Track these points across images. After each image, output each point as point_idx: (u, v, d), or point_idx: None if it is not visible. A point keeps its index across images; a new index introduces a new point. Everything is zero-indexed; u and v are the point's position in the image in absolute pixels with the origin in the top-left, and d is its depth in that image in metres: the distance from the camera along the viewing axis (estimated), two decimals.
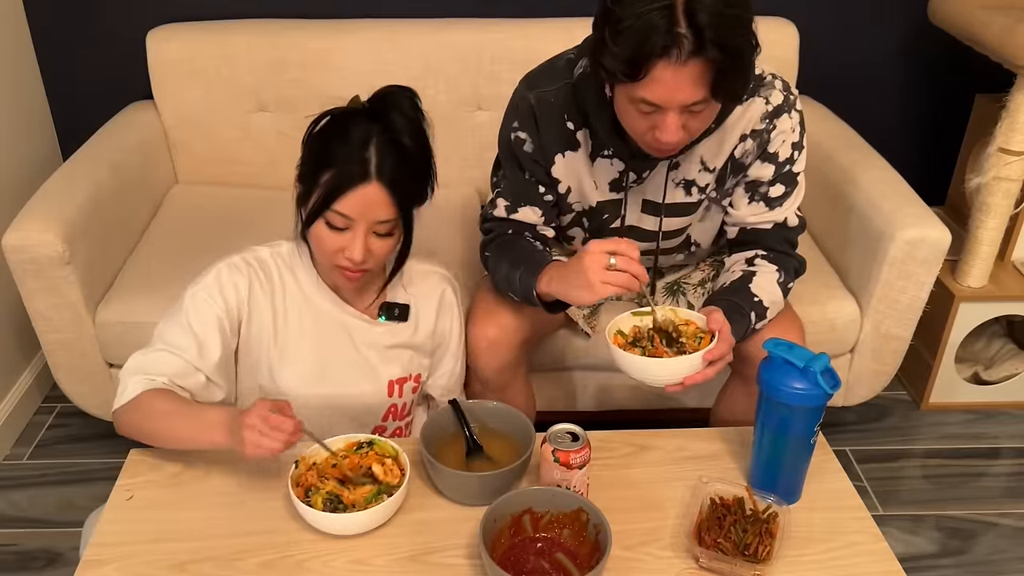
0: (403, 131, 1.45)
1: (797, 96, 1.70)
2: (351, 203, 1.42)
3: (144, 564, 1.32)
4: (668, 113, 1.44)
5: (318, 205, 1.44)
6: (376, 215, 1.44)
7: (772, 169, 1.71)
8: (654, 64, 1.37)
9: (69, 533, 2.15)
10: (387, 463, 1.42)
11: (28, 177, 2.54)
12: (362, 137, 1.42)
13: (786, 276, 1.75)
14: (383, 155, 1.42)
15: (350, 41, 2.53)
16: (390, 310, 1.65)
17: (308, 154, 1.49)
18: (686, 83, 1.39)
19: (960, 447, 2.51)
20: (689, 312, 1.55)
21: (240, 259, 1.57)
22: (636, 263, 1.47)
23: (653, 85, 1.40)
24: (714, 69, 1.37)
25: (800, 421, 1.37)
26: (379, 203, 1.43)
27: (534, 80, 1.73)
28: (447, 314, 1.73)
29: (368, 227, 1.45)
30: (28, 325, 2.15)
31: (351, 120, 1.46)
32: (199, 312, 1.51)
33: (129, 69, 2.65)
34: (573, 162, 1.74)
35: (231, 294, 1.54)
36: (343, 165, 1.42)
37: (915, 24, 2.73)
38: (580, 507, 1.31)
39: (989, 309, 2.51)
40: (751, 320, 1.67)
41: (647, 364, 1.47)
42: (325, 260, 1.52)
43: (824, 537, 1.38)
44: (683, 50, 1.34)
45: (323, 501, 1.34)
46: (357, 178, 1.41)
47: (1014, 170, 2.30)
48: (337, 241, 1.46)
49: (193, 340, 1.49)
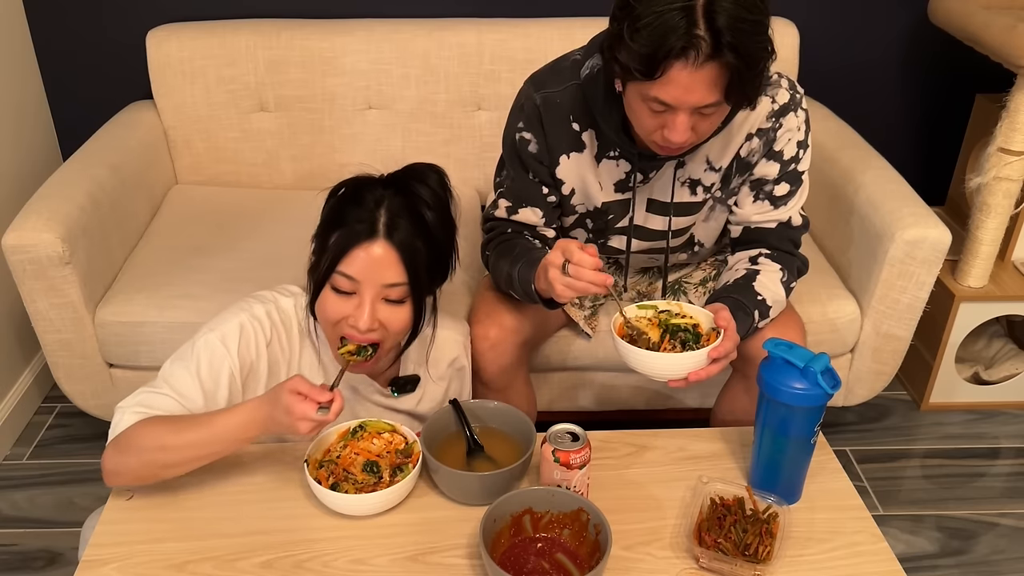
0: (422, 201, 1.41)
1: (803, 95, 1.71)
2: (356, 263, 1.36)
3: (144, 564, 1.32)
4: (679, 114, 1.44)
5: (325, 268, 1.38)
6: (383, 277, 1.37)
7: (777, 167, 1.72)
8: (671, 64, 1.37)
9: (69, 533, 2.15)
10: (385, 436, 1.46)
11: (28, 177, 2.54)
12: (375, 199, 1.38)
13: (789, 275, 1.75)
14: (393, 215, 1.37)
15: (350, 41, 2.53)
16: (402, 386, 1.61)
17: (321, 221, 1.44)
18: (701, 85, 1.39)
19: (960, 447, 2.51)
20: (694, 307, 1.55)
21: (264, 312, 1.49)
22: (590, 272, 1.44)
23: (668, 85, 1.40)
24: (729, 73, 1.38)
25: (800, 421, 1.37)
26: (386, 264, 1.37)
27: (540, 81, 1.73)
28: (456, 381, 1.72)
29: (376, 292, 1.38)
30: (28, 325, 2.15)
31: (368, 185, 1.42)
32: (212, 363, 1.43)
33: (129, 69, 2.65)
34: (578, 163, 1.74)
35: (249, 351, 1.47)
36: (351, 224, 1.37)
37: (915, 24, 2.74)
38: (580, 507, 1.32)
39: (989, 309, 2.51)
40: (754, 319, 1.68)
41: (651, 358, 1.46)
42: (331, 333, 1.44)
43: (824, 537, 1.38)
44: (700, 53, 1.34)
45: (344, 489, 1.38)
46: (363, 235, 1.36)
47: (1014, 170, 2.30)
48: (343, 308, 1.40)
49: (200, 392, 1.42)
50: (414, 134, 2.60)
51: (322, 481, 1.38)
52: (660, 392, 2.26)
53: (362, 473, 1.41)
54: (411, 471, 1.40)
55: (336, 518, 1.39)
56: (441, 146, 2.64)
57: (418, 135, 2.61)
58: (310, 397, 1.28)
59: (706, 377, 1.48)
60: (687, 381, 1.48)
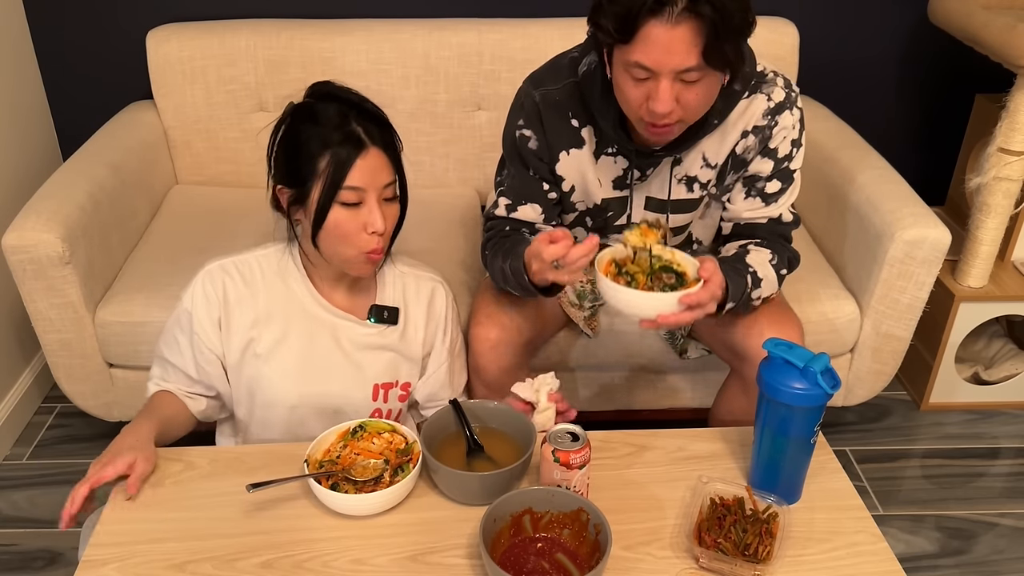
0: (363, 101, 1.52)
1: (798, 94, 1.71)
2: (359, 174, 1.46)
3: (144, 564, 1.32)
4: (661, 80, 1.45)
5: (327, 190, 1.46)
6: (382, 179, 1.49)
7: (771, 165, 1.72)
8: (646, 21, 1.38)
9: (69, 533, 2.15)
10: (385, 435, 1.48)
11: (28, 177, 2.54)
12: (337, 116, 1.48)
13: (780, 262, 1.76)
14: (366, 124, 1.48)
15: (350, 41, 2.53)
16: (379, 312, 1.65)
17: (285, 158, 1.52)
18: (679, 44, 1.40)
19: (960, 447, 2.51)
20: (685, 256, 1.55)
21: (217, 267, 1.61)
22: (578, 254, 1.48)
23: (646, 46, 1.41)
24: (707, 29, 1.38)
25: (800, 421, 1.37)
26: (380, 167, 1.48)
27: (538, 79, 1.74)
28: (436, 318, 1.72)
29: (378, 194, 1.49)
30: (28, 325, 2.15)
31: (314, 111, 1.50)
32: (183, 332, 1.61)
33: (129, 69, 2.65)
34: (577, 159, 1.74)
35: (206, 308, 1.59)
36: (336, 145, 1.45)
37: (915, 24, 2.74)
38: (580, 507, 1.31)
39: (989, 309, 2.51)
40: (747, 282, 1.68)
41: (624, 293, 1.47)
42: (347, 248, 1.52)
43: (824, 537, 1.38)
44: (676, 6, 1.36)
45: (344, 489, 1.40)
46: (354, 148, 1.46)
47: (1014, 170, 2.30)
48: (355, 221, 1.48)
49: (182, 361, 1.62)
50: (414, 134, 2.61)
51: (322, 481, 1.38)
52: (660, 392, 2.26)
53: (363, 472, 1.41)
54: (411, 471, 1.40)
55: (336, 518, 1.39)
56: (441, 146, 2.64)
57: (418, 135, 2.61)
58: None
59: (675, 323, 1.49)
60: (656, 323, 1.48)
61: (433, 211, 2.47)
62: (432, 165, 2.64)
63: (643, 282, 1.50)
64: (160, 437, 1.52)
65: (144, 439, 1.47)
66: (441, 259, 2.10)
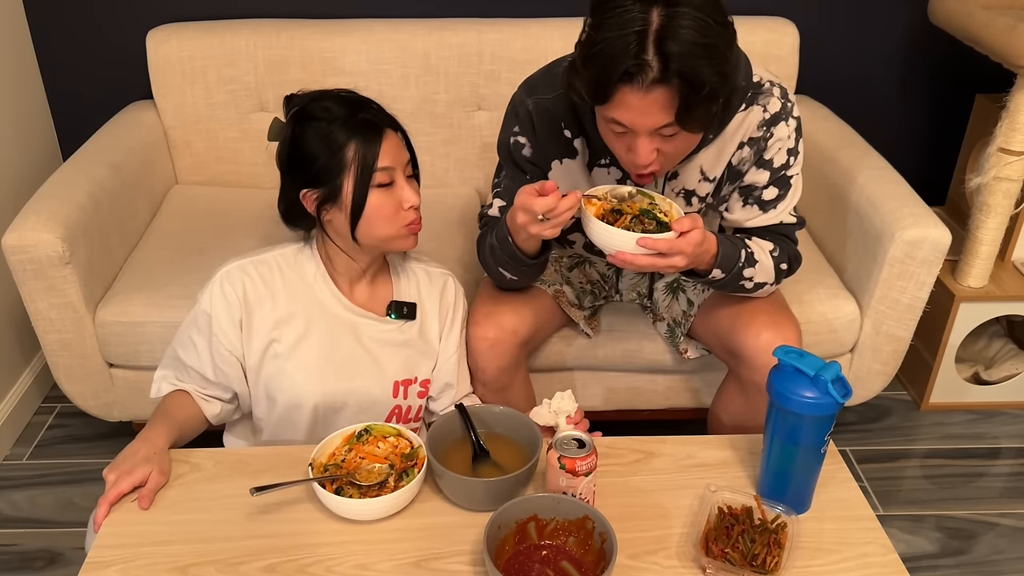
0: (349, 92, 1.60)
1: (794, 103, 1.71)
2: (386, 155, 1.53)
3: (147, 567, 1.32)
4: (639, 136, 1.45)
5: (361, 177, 1.52)
6: (403, 157, 1.58)
7: (767, 175, 1.72)
8: (617, 88, 1.38)
9: (69, 533, 2.15)
10: (390, 440, 1.48)
11: (28, 177, 2.53)
12: (342, 109, 1.54)
13: (780, 254, 1.76)
14: (375, 111, 1.57)
15: (350, 41, 2.52)
16: (399, 308, 1.69)
17: (306, 162, 1.54)
18: (652, 108, 1.39)
19: (960, 447, 2.51)
20: (672, 206, 1.57)
21: (236, 267, 1.63)
22: (564, 207, 1.50)
23: (620, 108, 1.41)
24: (679, 98, 1.37)
25: (810, 430, 1.36)
26: (399, 145, 1.58)
27: (533, 86, 1.74)
28: (447, 309, 1.76)
29: (403, 172, 1.57)
30: (28, 325, 2.14)
31: (315, 112, 1.54)
32: (200, 334, 1.61)
33: (129, 69, 2.64)
34: (570, 169, 1.75)
35: (226, 310, 1.60)
36: (357, 134, 1.52)
37: (915, 24, 2.73)
38: (586, 515, 1.31)
39: (989, 309, 2.52)
40: (740, 256, 1.69)
41: (592, 223, 1.51)
42: (388, 228, 1.57)
43: (833, 548, 1.37)
44: (647, 78, 1.35)
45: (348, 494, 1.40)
46: (376, 134, 1.53)
47: (1014, 170, 2.31)
48: (392, 201, 1.55)
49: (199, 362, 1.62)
50: (414, 134, 2.52)
51: (326, 485, 1.38)
52: (660, 392, 2.26)
53: (367, 476, 1.41)
54: (416, 476, 1.40)
55: (340, 522, 1.39)
56: (441, 146, 2.63)
57: (418, 135, 2.57)
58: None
59: (631, 262, 1.50)
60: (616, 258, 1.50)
61: (433, 211, 2.43)
62: (432, 165, 2.63)
63: (625, 221, 1.53)
64: (174, 445, 1.54)
65: (160, 450, 1.48)
66: (441, 259, 2.08)
